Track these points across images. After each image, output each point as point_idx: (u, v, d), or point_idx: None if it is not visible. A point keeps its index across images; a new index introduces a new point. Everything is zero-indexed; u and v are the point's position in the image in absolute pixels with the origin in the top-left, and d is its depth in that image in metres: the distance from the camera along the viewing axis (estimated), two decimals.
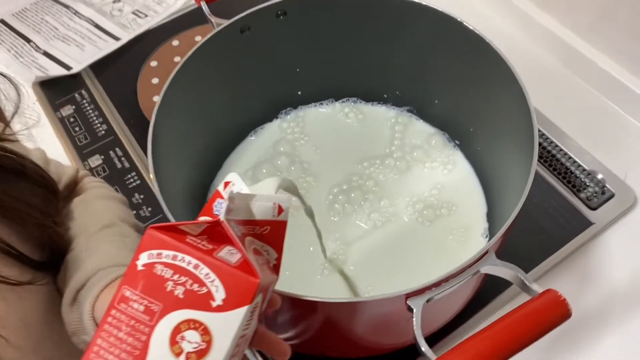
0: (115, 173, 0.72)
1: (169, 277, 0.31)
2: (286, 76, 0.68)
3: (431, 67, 0.64)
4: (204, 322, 0.30)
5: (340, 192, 0.65)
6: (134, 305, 0.31)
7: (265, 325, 0.39)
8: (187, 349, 0.30)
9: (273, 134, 0.71)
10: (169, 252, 0.31)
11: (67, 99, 0.80)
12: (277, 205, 0.37)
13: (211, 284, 0.30)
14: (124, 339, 0.30)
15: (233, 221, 0.33)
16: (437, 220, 0.63)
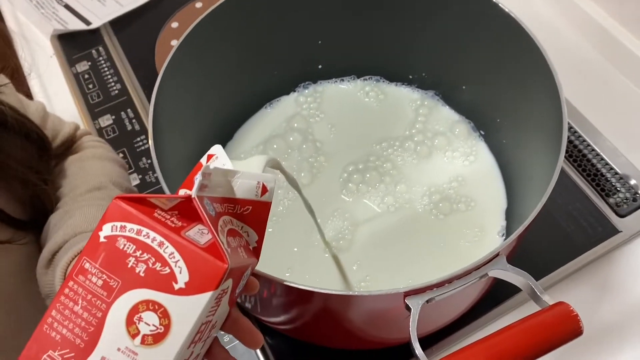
0: (124, 135, 0.71)
1: (131, 252, 0.29)
2: (307, 47, 0.65)
3: (461, 50, 0.60)
4: (164, 305, 0.28)
5: (356, 172, 0.62)
6: (92, 279, 0.29)
7: (246, 308, 0.37)
8: (144, 331, 0.28)
9: (288, 108, 0.67)
10: (134, 225, 0.29)
11: (83, 54, 0.78)
12: (261, 185, 0.34)
13: (175, 265, 0.28)
14: (79, 313, 0.29)
15: (208, 198, 0.30)
16: (452, 215, 0.60)
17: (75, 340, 0.29)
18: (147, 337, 0.28)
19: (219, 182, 0.32)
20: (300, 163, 0.63)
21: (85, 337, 0.28)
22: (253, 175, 0.34)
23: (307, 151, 0.64)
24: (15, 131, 0.46)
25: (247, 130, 0.66)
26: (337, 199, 0.61)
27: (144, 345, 0.28)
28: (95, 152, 0.55)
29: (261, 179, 0.34)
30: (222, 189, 0.33)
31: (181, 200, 0.30)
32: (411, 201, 0.61)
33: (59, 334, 0.29)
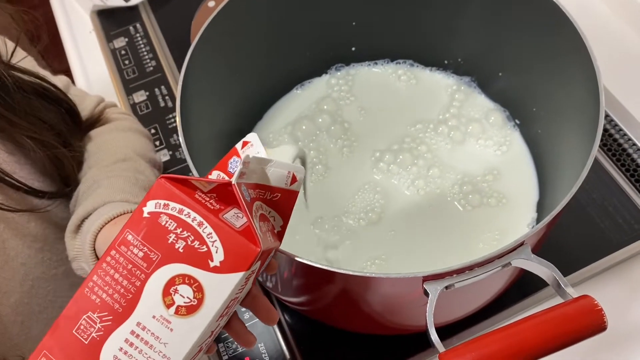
0: (157, 111, 0.72)
1: (172, 229, 0.31)
2: (341, 29, 0.64)
3: (499, 35, 0.58)
4: (199, 280, 0.30)
5: (388, 152, 0.62)
6: (133, 250, 0.31)
7: (267, 287, 0.38)
8: (179, 302, 0.30)
9: (319, 90, 0.67)
10: (176, 204, 0.31)
11: (121, 30, 0.80)
12: (291, 175, 0.36)
13: (212, 244, 0.30)
14: (119, 280, 0.31)
15: (244, 185, 0.32)
16: (480, 208, 0.58)
17: (114, 305, 0.30)
18: (181, 307, 0.30)
19: (254, 169, 0.34)
20: (327, 144, 0.63)
21: (123, 302, 0.30)
22: (285, 165, 0.36)
23: (336, 133, 0.63)
24: (52, 99, 0.49)
25: (277, 110, 0.66)
26: (367, 177, 0.60)
27: (177, 315, 0.30)
28: (120, 125, 0.57)
29: (292, 169, 0.36)
30: (257, 175, 0.34)
31: (219, 183, 0.32)
32: (442, 187, 0.60)
33: (99, 298, 0.31)
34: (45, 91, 0.49)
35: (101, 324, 0.31)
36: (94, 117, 0.56)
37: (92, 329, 0.31)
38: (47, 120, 0.48)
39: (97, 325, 0.31)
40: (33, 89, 0.47)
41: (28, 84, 0.47)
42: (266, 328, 0.56)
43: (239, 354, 0.55)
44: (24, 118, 0.47)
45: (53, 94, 0.50)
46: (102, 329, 0.30)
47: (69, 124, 0.51)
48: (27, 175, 0.49)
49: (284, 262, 0.42)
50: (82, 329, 0.31)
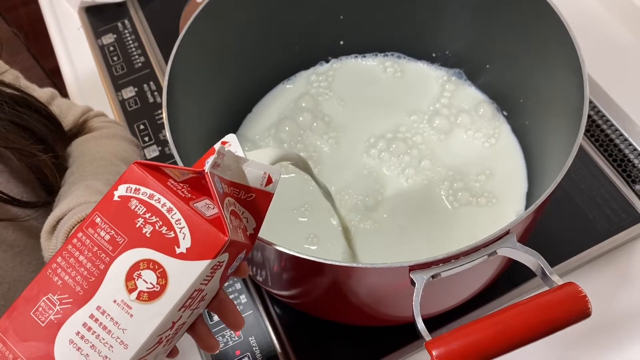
0: (146, 107, 0.71)
1: (141, 213, 0.30)
2: (329, 23, 0.64)
3: (484, 27, 0.59)
4: (163, 266, 0.30)
5: (382, 139, 0.62)
6: (100, 233, 0.30)
7: (257, 281, 0.38)
8: (141, 287, 0.30)
9: (304, 85, 0.67)
10: (147, 190, 0.31)
11: (109, 27, 0.79)
12: (267, 175, 0.36)
13: (179, 230, 0.30)
14: (83, 262, 0.30)
15: (218, 177, 0.32)
16: (469, 206, 0.58)
17: (75, 287, 0.30)
18: (143, 293, 0.30)
19: (229, 166, 0.34)
20: (314, 141, 0.63)
21: (85, 285, 0.30)
22: (261, 165, 0.36)
23: (321, 128, 0.63)
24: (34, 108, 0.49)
25: (265, 106, 0.66)
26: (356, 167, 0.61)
27: (139, 301, 0.30)
28: (105, 132, 0.57)
29: (268, 170, 0.36)
30: (231, 172, 0.34)
31: (193, 175, 0.32)
32: (432, 180, 0.60)
33: (61, 280, 0.30)
34: (25, 101, 0.49)
35: (60, 306, 0.30)
36: (78, 125, 0.56)
37: (51, 311, 0.30)
38: (29, 127, 0.48)
39: (56, 307, 0.30)
40: (12, 100, 0.48)
41: (7, 95, 0.47)
42: (257, 321, 0.57)
43: (229, 348, 0.55)
44: (1, 127, 0.46)
45: (32, 104, 0.50)
46: (60, 311, 0.30)
47: (52, 132, 0.51)
48: (6, 183, 0.49)
49: (271, 253, 0.42)
50: (40, 310, 0.30)
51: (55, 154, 0.50)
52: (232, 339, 0.56)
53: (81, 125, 0.57)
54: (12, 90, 0.49)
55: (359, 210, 0.58)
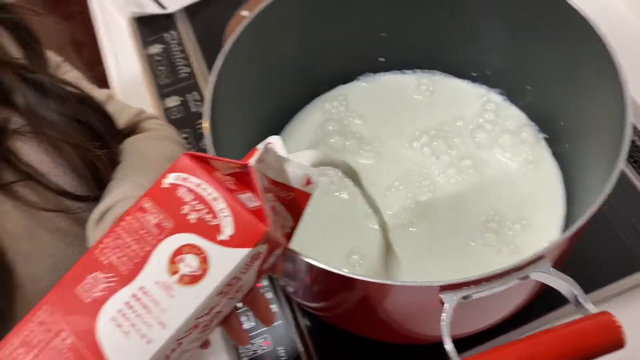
0: (188, 116, 0.74)
1: (187, 201, 0.32)
2: (371, 40, 0.65)
3: (524, 47, 0.58)
4: (206, 251, 0.31)
5: (425, 134, 0.63)
6: (148, 217, 0.32)
7: (288, 292, 0.38)
8: (183, 270, 0.31)
9: (336, 101, 0.68)
10: (195, 179, 0.32)
11: (157, 37, 0.82)
12: (307, 177, 0.37)
13: (223, 219, 0.31)
14: (130, 244, 0.32)
15: (261, 172, 0.33)
16: (505, 229, 0.58)
17: (121, 267, 0.31)
18: (185, 276, 0.31)
19: (272, 164, 0.35)
20: (353, 147, 0.64)
21: (130, 265, 0.31)
22: (302, 166, 0.37)
23: (356, 145, 0.64)
24: (93, 107, 0.53)
25: (304, 116, 0.67)
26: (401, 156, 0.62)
27: (180, 284, 0.31)
28: (156, 133, 0.59)
29: (308, 171, 0.37)
30: (273, 171, 0.35)
31: (238, 170, 0.33)
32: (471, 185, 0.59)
33: (107, 260, 0.32)
34: (86, 100, 0.52)
35: (105, 284, 0.31)
36: (132, 125, 0.59)
37: (96, 288, 0.31)
38: (88, 124, 0.51)
39: (100, 285, 0.31)
40: (75, 98, 0.51)
41: (69, 93, 0.50)
42: (285, 332, 0.57)
43: (258, 357, 0.56)
44: (62, 122, 0.49)
45: (92, 103, 0.53)
46: (105, 289, 0.31)
47: (108, 130, 0.54)
48: (62, 176, 0.51)
49: (302, 265, 0.43)
50: (85, 287, 0.31)
51: (109, 151, 0.53)
52: (261, 348, 0.56)
53: (134, 125, 0.59)
54: (74, 89, 0.52)
55: (404, 210, 0.58)
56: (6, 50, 0.50)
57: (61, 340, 0.31)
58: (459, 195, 0.60)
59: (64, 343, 0.31)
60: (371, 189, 0.51)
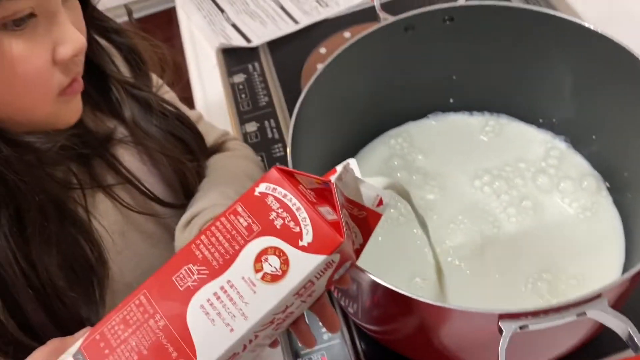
0: (265, 141, 0.79)
1: (274, 208, 0.36)
2: (441, 81, 0.69)
3: (594, 98, 0.61)
4: (287, 254, 0.35)
5: (487, 173, 0.66)
6: (239, 220, 0.36)
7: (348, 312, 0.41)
8: (266, 269, 0.35)
9: (415, 132, 0.71)
10: (282, 190, 0.36)
11: (241, 68, 0.89)
12: (379, 197, 0.40)
13: (304, 227, 0.35)
14: (222, 242, 0.36)
15: (340, 189, 0.37)
16: (556, 289, 0.58)
17: (212, 262, 0.35)
18: (267, 275, 0.35)
19: (349, 184, 0.39)
20: (418, 182, 0.67)
21: (221, 261, 0.35)
22: (375, 188, 0.40)
23: (419, 176, 0.67)
24: (186, 123, 0.59)
25: (373, 147, 0.71)
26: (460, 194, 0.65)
27: (262, 281, 0.35)
28: (237, 153, 0.66)
29: (381, 193, 0.41)
30: (349, 190, 0.39)
31: (319, 186, 0.37)
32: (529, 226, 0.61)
33: (202, 254, 0.36)
34: (181, 118, 0.59)
35: (198, 275, 0.35)
36: (218, 144, 0.65)
37: (189, 278, 0.35)
38: (182, 139, 0.58)
39: (194, 276, 0.35)
40: (173, 115, 0.57)
41: (168, 111, 0.57)
42: (342, 351, 0.60)
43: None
44: (161, 136, 0.56)
45: (186, 121, 0.60)
46: (197, 280, 0.35)
47: (198, 146, 0.60)
48: (155, 184, 0.57)
49: (365, 281, 0.46)
50: (180, 277, 0.35)
51: (198, 164, 0.59)
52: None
53: (220, 145, 0.66)
54: (172, 108, 0.58)
55: (463, 245, 0.61)
56: (119, 69, 0.56)
57: (155, 322, 0.35)
58: (518, 235, 0.62)
59: (157, 324, 0.35)
60: (436, 221, 0.54)
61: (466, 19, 0.62)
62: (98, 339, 0.35)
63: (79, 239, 0.49)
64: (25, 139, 0.46)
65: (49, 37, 0.42)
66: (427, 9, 0.61)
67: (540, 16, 0.59)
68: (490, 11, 0.62)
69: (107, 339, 0.35)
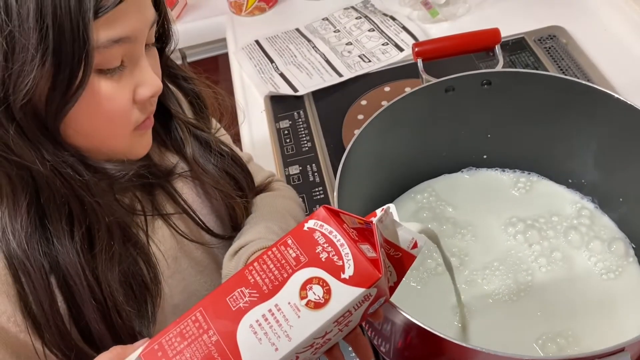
0: (307, 183, 0.84)
1: (320, 243, 0.40)
2: (476, 138, 0.73)
3: (620, 162, 0.64)
4: (330, 285, 0.38)
5: (519, 222, 0.70)
6: (289, 251, 0.40)
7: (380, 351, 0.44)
8: (310, 297, 0.38)
9: (449, 185, 0.76)
10: (328, 227, 0.40)
11: (286, 114, 0.95)
12: (414, 240, 0.44)
13: (347, 261, 0.39)
14: (272, 270, 0.39)
15: (379, 230, 0.41)
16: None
17: (263, 287, 0.39)
18: (311, 302, 0.38)
19: (387, 226, 0.43)
20: (448, 232, 0.71)
21: (270, 287, 0.39)
22: (411, 231, 0.44)
23: (449, 226, 0.71)
24: (238, 164, 0.64)
25: (410, 196, 0.75)
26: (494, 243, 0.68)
27: (307, 307, 0.38)
28: (282, 193, 0.71)
29: (416, 236, 0.44)
30: (387, 231, 0.43)
31: (361, 226, 0.41)
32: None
33: (254, 279, 0.39)
34: (235, 158, 0.64)
35: (249, 298, 0.38)
36: (264, 184, 0.71)
37: (241, 300, 0.39)
38: (234, 177, 0.63)
39: (245, 298, 0.38)
40: (227, 154, 0.63)
41: (224, 151, 0.63)
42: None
43: None
44: (217, 173, 0.61)
45: (238, 161, 0.65)
46: (248, 302, 0.38)
47: (247, 184, 0.65)
48: (207, 215, 0.63)
49: (398, 317, 0.49)
50: (234, 298, 0.39)
51: (246, 200, 0.64)
52: None
53: (267, 185, 0.71)
54: (227, 149, 0.64)
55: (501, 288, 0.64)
56: (184, 112, 0.62)
57: (208, 337, 0.38)
58: (549, 285, 0.65)
59: (210, 339, 0.38)
60: (470, 266, 0.57)
61: (503, 83, 0.67)
62: (156, 349, 0.39)
63: (139, 260, 0.54)
64: (103, 166, 0.51)
65: (132, 79, 0.48)
66: (468, 73, 0.66)
67: (573, 85, 0.64)
68: (525, 77, 0.67)
69: (164, 349, 0.39)
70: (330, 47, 1.08)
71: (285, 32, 1.13)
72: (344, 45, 1.08)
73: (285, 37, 1.12)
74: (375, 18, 1.13)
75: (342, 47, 1.07)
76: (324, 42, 1.09)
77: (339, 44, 1.08)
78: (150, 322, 0.54)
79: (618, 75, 0.92)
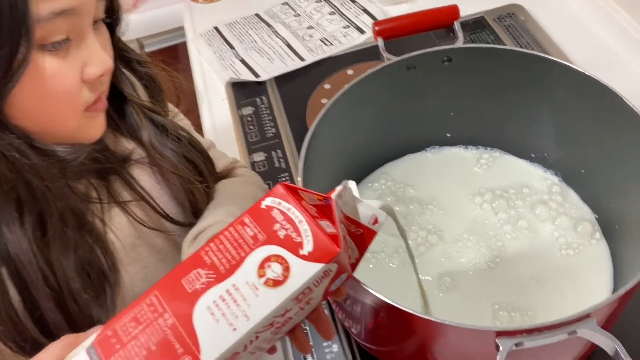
0: (272, 170, 0.83)
1: (279, 220, 0.39)
2: (439, 117, 0.73)
3: (580, 135, 0.65)
4: (289, 262, 0.38)
5: (487, 192, 0.70)
6: (246, 230, 0.39)
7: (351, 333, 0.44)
8: (269, 275, 0.38)
9: (413, 163, 0.75)
10: (286, 204, 0.39)
11: (249, 101, 0.94)
12: (374, 216, 0.44)
13: (305, 237, 0.38)
14: (229, 249, 0.38)
15: (339, 206, 0.40)
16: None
17: (220, 267, 0.38)
18: (269, 280, 0.37)
19: (347, 202, 0.42)
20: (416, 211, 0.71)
21: (227, 266, 0.38)
22: (371, 207, 0.44)
23: (418, 208, 0.71)
24: (198, 150, 0.63)
25: (375, 177, 0.75)
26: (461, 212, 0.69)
27: (265, 285, 0.37)
28: (245, 179, 0.69)
29: (376, 212, 0.44)
30: (347, 208, 0.42)
31: (320, 202, 0.40)
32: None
33: (210, 260, 0.38)
34: (194, 143, 0.62)
35: (205, 279, 0.38)
36: (227, 170, 0.69)
37: (197, 282, 0.38)
38: (194, 162, 0.61)
39: (202, 279, 0.38)
40: (187, 141, 0.61)
41: (182, 135, 0.61)
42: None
43: None
44: (175, 159, 0.59)
45: (198, 146, 0.64)
46: (205, 283, 0.37)
47: (208, 169, 0.64)
48: (166, 202, 0.61)
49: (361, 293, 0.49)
50: (189, 280, 0.38)
51: (207, 186, 0.63)
52: None
53: (230, 171, 0.69)
54: (186, 134, 0.62)
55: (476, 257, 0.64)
56: (139, 96, 0.60)
57: (164, 320, 0.37)
58: (516, 252, 0.66)
59: (166, 322, 0.37)
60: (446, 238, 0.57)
61: (463, 59, 0.67)
62: (110, 335, 0.38)
63: (95, 247, 0.52)
64: (53, 149, 0.49)
65: (79, 57, 0.46)
66: (428, 50, 0.66)
67: (532, 58, 0.64)
68: (485, 53, 0.67)
69: (118, 335, 0.37)
70: (291, 31, 1.06)
71: (245, 17, 1.11)
72: (305, 30, 1.06)
73: (244, 23, 1.10)
74: (335, 1, 1.11)
75: (303, 32, 1.06)
76: (284, 26, 1.08)
77: (299, 28, 1.07)
78: (110, 310, 0.52)
79: (576, 51, 0.93)
